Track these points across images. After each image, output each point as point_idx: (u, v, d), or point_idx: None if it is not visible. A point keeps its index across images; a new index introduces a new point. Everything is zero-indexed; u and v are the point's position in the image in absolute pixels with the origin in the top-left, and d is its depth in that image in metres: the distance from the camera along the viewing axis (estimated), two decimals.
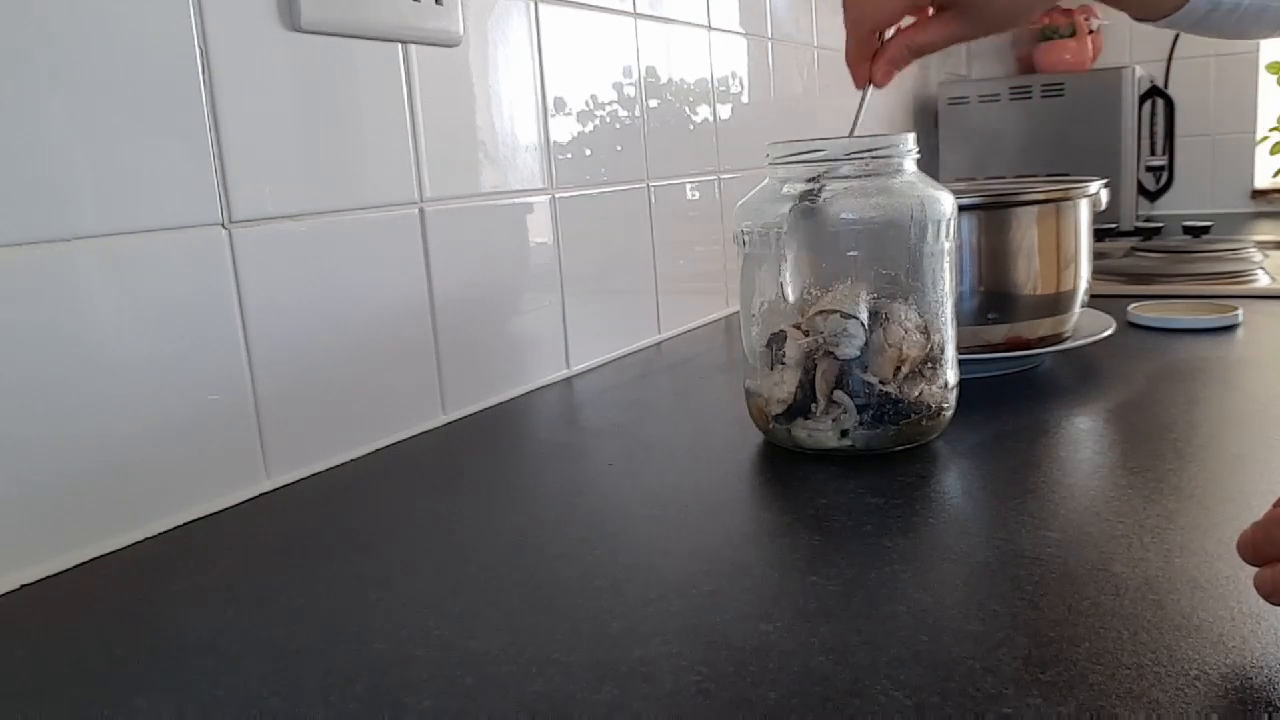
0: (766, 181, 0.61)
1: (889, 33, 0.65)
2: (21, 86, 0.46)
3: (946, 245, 0.58)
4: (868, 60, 0.65)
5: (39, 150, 0.47)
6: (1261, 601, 0.35)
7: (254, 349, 0.57)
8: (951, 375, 0.59)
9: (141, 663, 0.39)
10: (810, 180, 0.58)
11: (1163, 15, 0.65)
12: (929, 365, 0.58)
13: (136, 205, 0.51)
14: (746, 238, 0.60)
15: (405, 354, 0.68)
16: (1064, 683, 0.32)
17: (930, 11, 0.63)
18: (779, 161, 0.59)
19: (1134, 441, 0.58)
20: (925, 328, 0.57)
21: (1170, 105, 1.83)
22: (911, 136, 0.59)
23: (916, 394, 0.57)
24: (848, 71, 0.65)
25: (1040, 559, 0.42)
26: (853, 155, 0.57)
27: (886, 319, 0.56)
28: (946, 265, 0.58)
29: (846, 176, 0.57)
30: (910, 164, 0.59)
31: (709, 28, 1.07)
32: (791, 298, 0.58)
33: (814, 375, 0.57)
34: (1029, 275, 0.74)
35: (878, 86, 0.65)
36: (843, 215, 0.57)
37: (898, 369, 0.56)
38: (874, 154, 0.57)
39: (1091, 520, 0.46)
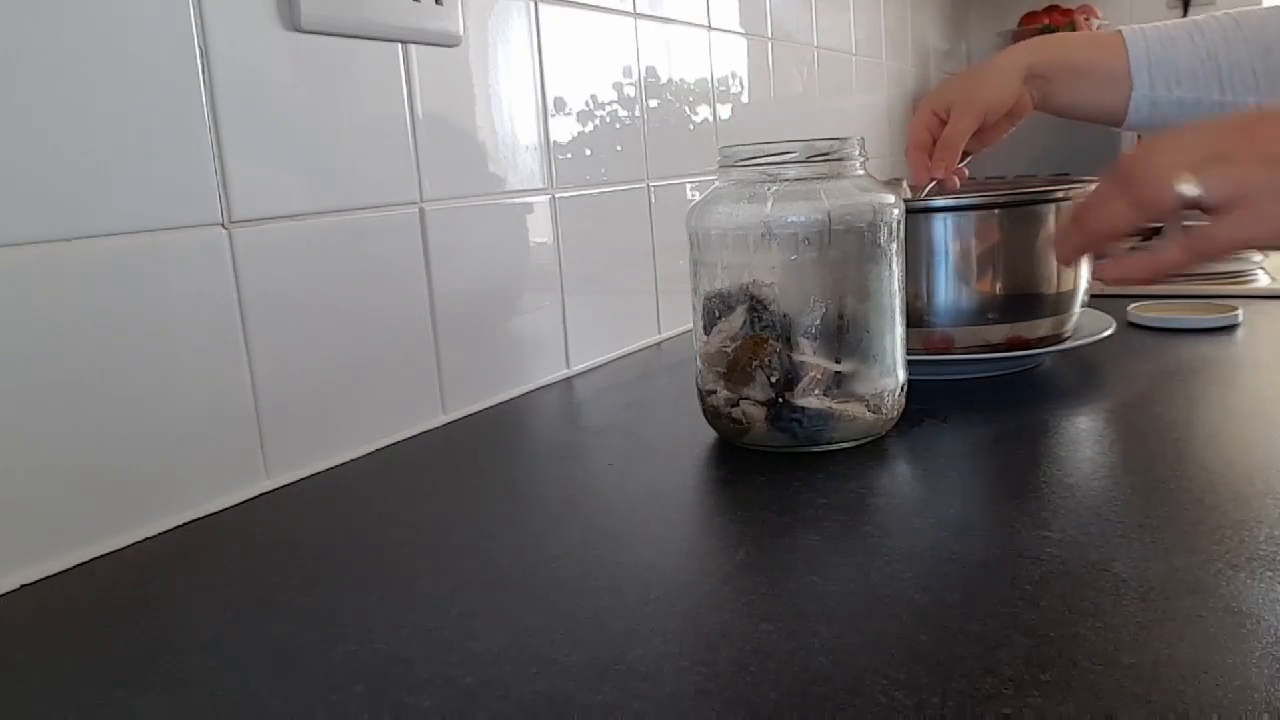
0: (717, 184, 0.61)
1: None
2: (22, 86, 0.46)
3: (893, 247, 0.58)
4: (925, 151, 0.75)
5: (39, 150, 0.47)
6: (1261, 600, 0.35)
7: (254, 349, 0.57)
8: (761, 392, 0.57)
9: (141, 663, 0.39)
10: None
11: (1117, 122, 0.77)
12: (754, 379, 0.57)
13: (136, 205, 0.51)
14: (697, 239, 0.60)
15: (405, 354, 0.68)
16: (1064, 683, 0.32)
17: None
18: (730, 165, 0.59)
19: (1134, 441, 0.58)
20: (756, 339, 0.57)
21: None
22: (860, 140, 0.59)
23: (733, 396, 0.59)
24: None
25: (1040, 559, 0.42)
26: (802, 158, 0.57)
27: (727, 321, 0.58)
28: (895, 267, 0.58)
29: (795, 179, 0.57)
30: (859, 167, 0.59)
31: (709, 28, 1.07)
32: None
33: None
34: (1029, 275, 0.74)
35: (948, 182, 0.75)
36: (790, 219, 0.56)
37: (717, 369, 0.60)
38: (824, 157, 0.57)
39: (1091, 520, 0.46)
